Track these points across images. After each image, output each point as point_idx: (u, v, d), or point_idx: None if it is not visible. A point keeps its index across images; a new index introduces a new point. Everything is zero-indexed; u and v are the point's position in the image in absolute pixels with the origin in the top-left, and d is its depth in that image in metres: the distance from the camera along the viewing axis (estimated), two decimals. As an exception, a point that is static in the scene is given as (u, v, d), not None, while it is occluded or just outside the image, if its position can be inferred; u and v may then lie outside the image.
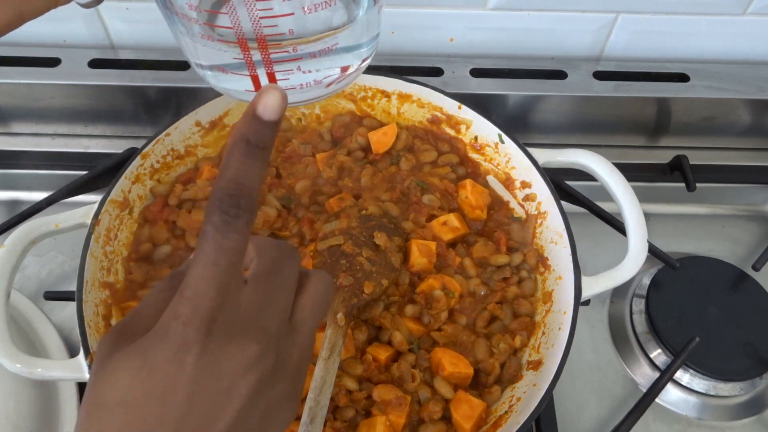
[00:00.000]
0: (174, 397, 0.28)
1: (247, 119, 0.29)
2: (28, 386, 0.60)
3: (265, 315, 0.31)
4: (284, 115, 0.30)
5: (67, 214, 0.58)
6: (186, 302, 0.29)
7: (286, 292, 0.33)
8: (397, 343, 0.57)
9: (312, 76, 0.34)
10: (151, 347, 0.29)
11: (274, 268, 0.33)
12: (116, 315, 0.58)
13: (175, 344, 0.29)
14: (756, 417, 0.67)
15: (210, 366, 0.29)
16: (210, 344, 0.29)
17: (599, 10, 0.79)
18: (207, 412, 0.29)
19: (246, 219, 0.29)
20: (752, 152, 0.86)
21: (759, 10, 0.79)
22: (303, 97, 0.36)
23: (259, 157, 0.29)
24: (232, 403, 0.30)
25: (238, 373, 0.30)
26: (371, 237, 0.59)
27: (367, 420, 0.53)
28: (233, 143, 0.29)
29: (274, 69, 0.33)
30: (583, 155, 0.62)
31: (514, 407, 0.54)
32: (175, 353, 0.28)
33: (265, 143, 0.29)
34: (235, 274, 0.30)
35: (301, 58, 0.33)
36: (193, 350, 0.28)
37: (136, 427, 0.28)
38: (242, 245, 0.29)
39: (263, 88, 0.29)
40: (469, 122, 0.67)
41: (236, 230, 0.29)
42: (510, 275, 0.61)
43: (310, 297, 0.34)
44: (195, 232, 0.62)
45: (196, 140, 0.67)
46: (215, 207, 0.29)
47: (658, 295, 0.70)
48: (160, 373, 0.28)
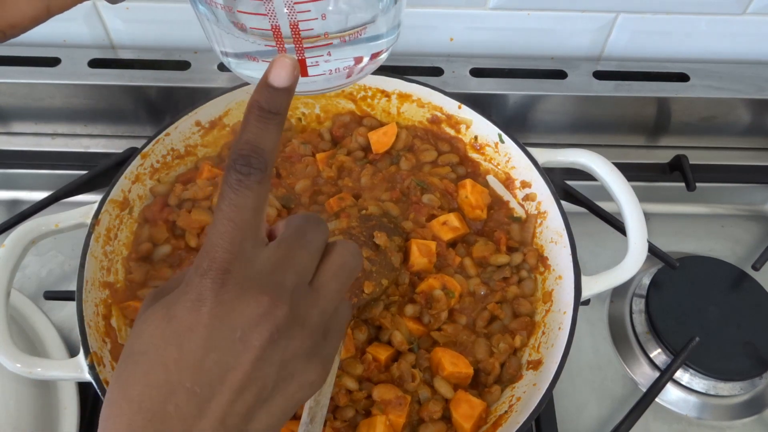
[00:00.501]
0: (191, 344, 0.30)
1: (260, 87, 0.31)
2: (28, 386, 0.60)
3: (281, 272, 0.32)
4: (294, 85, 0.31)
5: (67, 214, 0.58)
6: (203, 256, 0.31)
7: (307, 254, 0.34)
8: (397, 343, 0.57)
9: (340, 63, 0.35)
10: (173, 299, 0.31)
11: (298, 233, 0.34)
12: (116, 315, 0.58)
13: (193, 295, 0.31)
14: (756, 417, 0.67)
15: (224, 315, 0.30)
16: (224, 295, 0.30)
17: (599, 10, 0.79)
18: (222, 359, 0.30)
19: (257, 177, 0.31)
20: (752, 152, 0.86)
21: (759, 10, 0.79)
22: (329, 84, 0.37)
23: (272, 121, 0.31)
24: (246, 353, 0.30)
25: (250, 324, 0.31)
26: (371, 237, 0.59)
27: (367, 420, 0.53)
28: (248, 110, 0.31)
29: (305, 55, 0.34)
30: (583, 155, 0.62)
31: (514, 407, 0.54)
32: (192, 303, 0.30)
33: (277, 109, 0.31)
34: (248, 229, 0.31)
35: (331, 43, 0.34)
36: (208, 300, 0.30)
37: (155, 371, 0.30)
38: (254, 201, 0.31)
39: (275, 59, 0.31)
40: (469, 122, 0.67)
41: (248, 186, 0.31)
42: (510, 275, 0.61)
43: (333, 262, 0.35)
44: (195, 232, 0.62)
45: (196, 140, 0.67)
46: (230, 167, 0.31)
47: (658, 294, 0.70)
48: (178, 322, 0.30)
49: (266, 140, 0.31)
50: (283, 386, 0.32)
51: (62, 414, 0.60)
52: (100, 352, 0.53)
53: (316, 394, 0.48)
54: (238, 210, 0.31)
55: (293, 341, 0.32)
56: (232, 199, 0.31)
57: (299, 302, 0.32)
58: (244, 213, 0.31)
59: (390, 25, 0.37)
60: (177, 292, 0.32)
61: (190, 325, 0.30)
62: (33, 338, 0.64)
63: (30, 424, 0.58)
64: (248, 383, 0.30)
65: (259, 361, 0.31)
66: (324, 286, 0.34)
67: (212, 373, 0.30)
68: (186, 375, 0.30)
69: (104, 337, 0.55)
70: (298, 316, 0.32)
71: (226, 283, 0.31)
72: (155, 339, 0.31)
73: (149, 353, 0.30)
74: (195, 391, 0.29)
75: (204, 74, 0.78)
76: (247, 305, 0.31)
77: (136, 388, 0.30)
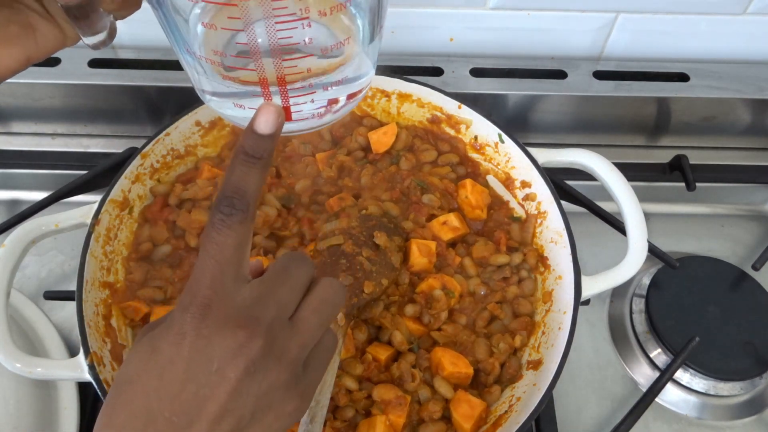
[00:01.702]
0: (171, 375, 0.31)
1: (246, 133, 0.33)
2: (28, 386, 0.60)
3: (260, 307, 0.34)
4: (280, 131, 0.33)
5: (67, 213, 0.58)
6: (186, 291, 0.33)
7: (288, 290, 0.35)
8: (397, 343, 0.57)
9: (322, 106, 0.37)
10: (159, 333, 0.33)
11: (280, 270, 0.36)
12: (116, 315, 0.58)
13: (176, 329, 0.32)
14: (756, 417, 0.67)
15: (202, 348, 0.32)
16: (203, 329, 0.32)
17: (599, 10, 0.79)
18: (199, 391, 0.31)
19: (239, 217, 0.33)
20: (752, 152, 0.86)
21: (759, 9, 0.79)
22: (310, 125, 0.38)
23: (256, 165, 0.33)
24: (222, 385, 0.32)
25: (227, 356, 0.32)
26: (371, 237, 0.59)
27: (367, 420, 0.53)
28: (234, 154, 0.33)
29: (290, 102, 0.36)
30: (583, 155, 0.62)
31: (514, 407, 0.54)
32: (174, 336, 0.32)
33: (261, 154, 0.33)
34: (230, 266, 0.33)
35: (315, 91, 0.36)
36: (188, 334, 0.32)
37: (137, 400, 0.31)
38: (236, 239, 0.33)
39: (261, 106, 0.33)
40: (468, 122, 0.67)
41: (229, 226, 0.32)
42: (510, 275, 0.61)
43: (315, 297, 0.36)
44: (195, 232, 0.62)
45: (196, 140, 0.67)
46: (214, 208, 0.33)
47: (658, 294, 0.70)
48: (161, 354, 0.32)
49: (249, 183, 0.33)
50: (260, 416, 0.33)
51: (62, 414, 0.60)
52: (100, 352, 0.53)
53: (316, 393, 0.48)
54: (219, 248, 0.32)
55: (270, 373, 0.33)
56: (214, 238, 0.32)
57: (277, 336, 0.34)
58: (226, 251, 0.32)
59: (368, 66, 0.39)
60: (162, 327, 0.33)
61: (171, 358, 0.32)
62: (33, 338, 0.64)
63: (30, 424, 0.58)
64: (224, 414, 0.32)
65: (235, 392, 0.32)
66: (304, 321, 0.35)
67: (190, 404, 0.31)
68: (165, 404, 0.31)
69: (104, 337, 0.55)
70: (274, 349, 0.33)
71: (206, 318, 0.32)
72: (139, 369, 0.32)
73: (134, 383, 0.32)
74: (173, 420, 0.31)
75: (204, 74, 0.78)
76: (224, 338, 0.32)
77: (120, 415, 0.32)
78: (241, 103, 0.37)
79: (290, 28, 0.32)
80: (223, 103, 0.38)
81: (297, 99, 0.36)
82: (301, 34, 0.32)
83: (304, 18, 0.31)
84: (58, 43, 0.38)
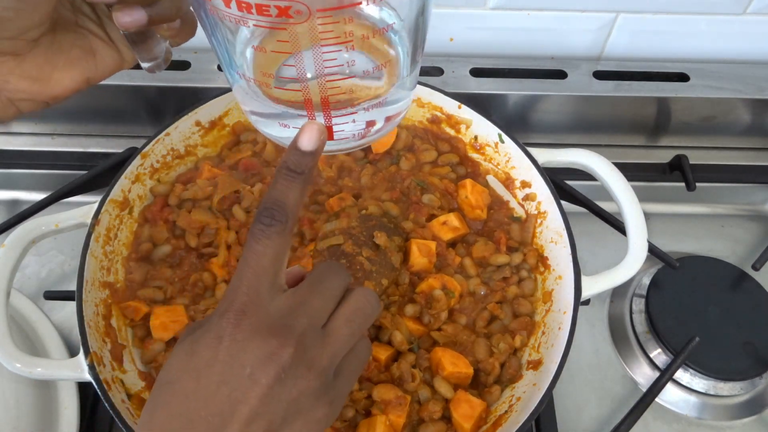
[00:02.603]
0: (207, 378, 0.33)
1: (290, 149, 0.35)
2: (28, 386, 0.60)
3: (293, 316, 0.35)
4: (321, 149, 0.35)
5: (67, 213, 0.58)
6: (225, 298, 0.35)
7: (321, 300, 0.37)
8: (397, 343, 0.57)
9: (362, 127, 0.39)
10: (198, 336, 0.35)
11: (315, 280, 0.38)
12: (116, 314, 0.58)
13: (213, 333, 0.34)
14: (756, 417, 0.67)
15: (236, 353, 0.33)
16: (238, 335, 0.33)
17: (599, 10, 0.79)
18: (233, 394, 0.33)
19: (278, 228, 0.34)
20: (752, 152, 0.86)
21: (759, 9, 0.79)
22: (353, 144, 0.40)
23: (297, 180, 0.35)
24: (254, 389, 0.33)
25: (259, 362, 0.33)
26: (371, 237, 0.59)
27: (367, 420, 0.53)
28: (277, 169, 0.35)
29: (333, 123, 0.37)
30: (583, 155, 0.62)
31: (514, 407, 0.54)
32: (211, 340, 0.34)
33: (302, 169, 0.35)
34: (266, 275, 0.35)
35: (356, 112, 0.37)
36: (225, 339, 0.33)
37: (176, 401, 0.33)
38: (274, 250, 0.35)
39: (305, 124, 0.35)
40: (468, 122, 0.67)
41: (268, 236, 0.34)
42: (510, 275, 0.61)
43: (348, 308, 0.38)
44: (195, 232, 0.62)
45: (196, 140, 0.67)
46: (255, 219, 0.35)
47: (658, 294, 0.70)
48: (199, 357, 0.34)
49: (290, 197, 0.35)
50: (290, 421, 0.34)
51: (62, 414, 0.60)
52: (100, 352, 0.53)
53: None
54: (257, 257, 0.34)
55: (300, 381, 0.34)
56: (253, 248, 0.34)
57: (308, 345, 0.35)
58: (263, 260, 0.34)
59: (407, 90, 0.40)
60: (201, 330, 0.35)
61: (208, 361, 0.33)
62: (33, 338, 0.64)
63: (30, 424, 0.58)
64: (255, 417, 0.33)
65: (266, 397, 0.33)
66: (336, 331, 0.36)
67: (223, 405, 0.33)
68: (201, 405, 0.33)
69: (104, 337, 0.55)
70: (305, 357, 0.34)
71: (240, 324, 0.34)
72: (179, 371, 0.34)
73: (173, 383, 0.34)
74: (209, 420, 0.32)
75: (204, 74, 0.78)
76: (257, 345, 0.33)
77: (161, 415, 0.34)
78: (285, 123, 0.38)
79: (335, 51, 0.33)
80: (268, 123, 0.40)
81: (339, 119, 0.37)
82: (345, 57, 0.34)
83: (348, 41, 0.33)
84: (116, 65, 0.41)
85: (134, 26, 0.36)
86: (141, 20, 0.36)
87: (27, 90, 0.37)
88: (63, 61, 0.37)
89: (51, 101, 0.38)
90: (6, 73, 0.35)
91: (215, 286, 0.60)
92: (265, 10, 0.30)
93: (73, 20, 0.38)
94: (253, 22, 0.31)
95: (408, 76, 0.39)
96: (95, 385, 0.51)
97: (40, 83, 0.37)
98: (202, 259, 0.61)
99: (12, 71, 0.36)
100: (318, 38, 0.32)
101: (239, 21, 0.31)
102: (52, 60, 0.37)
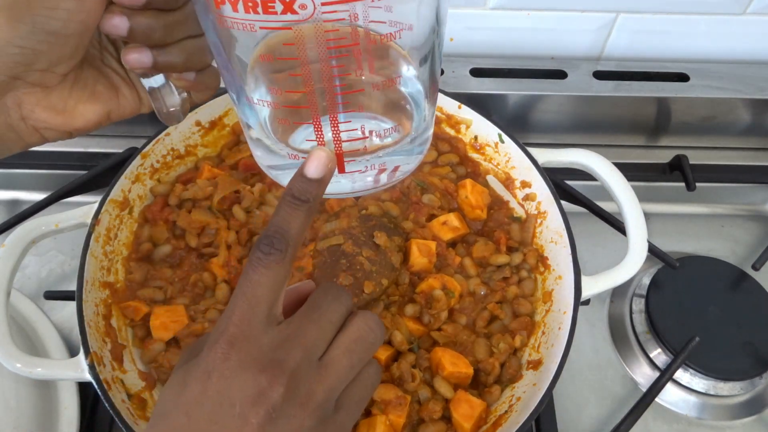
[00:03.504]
0: (197, 414, 0.32)
1: (295, 176, 0.34)
2: (28, 386, 0.60)
3: (286, 349, 0.34)
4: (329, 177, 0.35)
5: (67, 213, 0.58)
6: (216, 327, 0.34)
7: (318, 330, 0.35)
8: (397, 343, 0.57)
9: (376, 172, 0.38)
10: (190, 368, 0.34)
11: (313, 306, 0.36)
12: (116, 315, 0.58)
13: (203, 366, 0.33)
14: (756, 417, 0.67)
15: (225, 391, 0.32)
16: (226, 370, 0.32)
17: (599, 10, 0.79)
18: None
19: (277, 257, 0.33)
20: (752, 152, 0.86)
21: (759, 9, 0.79)
22: (365, 186, 0.39)
23: (300, 208, 0.34)
24: (244, 429, 0.32)
25: (248, 402, 0.32)
26: (371, 237, 0.59)
27: (367, 420, 0.53)
28: (282, 196, 0.34)
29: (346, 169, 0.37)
30: (583, 155, 0.62)
31: (514, 407, 0.54)
32: (201, 374, 0.33)
33: (307, 197, 0.34)
34: (260, 306, 0.33)
35: (369, 161, 0.37)
36: (213, 374, 0.32)
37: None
38: (271, 279, 0.33)
39: (312, 150, 0.34)
40: (468, 122, 0.67)
41: (266, 265, 0.33)
42: (510, 275, 0.61)
43: (348, 336, 0.36)
44: (195, 232, 0.62)
45: (196, 140, 0.67)
46: (255, 246, 0.34)
47: (658, 294, 0.70)
48: (189, 391, 0.33)
49: (292, 225, 0.34)
50: None
51: (62, 414, 0.60)
52: (100, 352, 0.53)
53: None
54: (252, 287, 0.33)
55: (293, 420, 0.33)
56: (249, 276, 0.33)
57: (301, 380, 0.33)
58: (258, 290, 0.33)
59: (422, 140, 0.39)
60: (194, 361, 0.34)
61: (197, 397, 0.33)
62: (33, 338, 0.64)
63: (30, 424, 0.58)
64: None
65: None
66: (334, 362, 0.35)
67: None
68: None
69: (104, 337, 0.55)
70: (298, 394, 0.33)
71: (229, 358, 0.33)
72: (171, 404, 0.33)
73: (166, 417, 0.33)
74: None
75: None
76: (246, 382, 0.32)
77: None
78: None
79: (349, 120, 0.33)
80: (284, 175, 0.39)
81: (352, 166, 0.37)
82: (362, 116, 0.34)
83: (354, 43, 0.32)
84: (136, 107, 0.40)
85: (139, 66, 0.35)
86: (146, 62, 0.35)
87: (50, 121, 0.37)
88: (87, 95, 0.38)
89: (74, 133, 0.38)
90: (33, 104, 0.36)
91: (215, 286, 0.60)
92: (270, 7, 0.29)
93: (99, 57, 0.39)
94: (260, 24, 0.31)
95: (420, 134, 0.38)
96: (95, 385, 0.51)
97: (64, 116, 0.37)
98: (202, 259, 0.61)
99: (39, 102, 0.36)
100: (324, 38, 0.31)
101: (247, 27, 0.31)
102: (77, 94, 0.37)
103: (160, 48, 0.35)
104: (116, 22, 0.33)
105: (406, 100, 0.37)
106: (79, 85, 0.37)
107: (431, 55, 0.35)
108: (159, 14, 0.34)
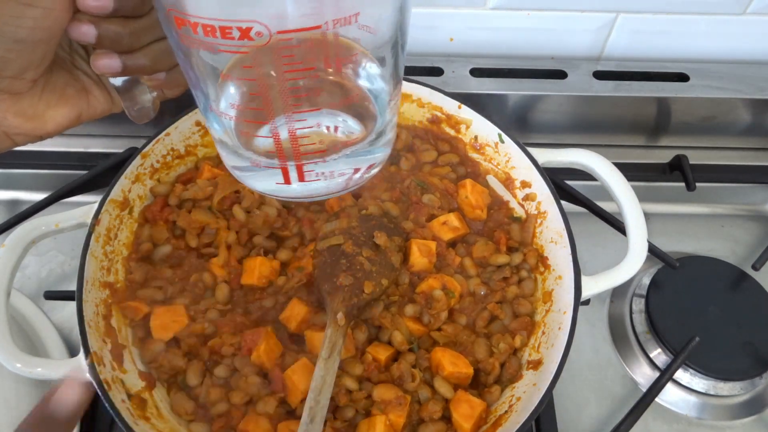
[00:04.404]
0: None
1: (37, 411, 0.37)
2: (28, 386, 0.60)
3: None
4: None
5: (67, 214, 0.58)
6: None
7: None
8: (397, 343, 0.57)
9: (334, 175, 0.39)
10: None
11: None
12: (116, 315, 0.58)
13: None
14: (756, 416, 0.67)
15: None
16: None
17: (599, 10, 0.79)
18: None
19: None
20: (752, 152, 0.86)
21: (759, 9, 0.79)
22: (326, 189, 0.40)
23: None
24: None
25: None
26: (371, 237, 0.59)
27: (367, 420, 0.53)
28: None
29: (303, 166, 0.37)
30: (583, 155, 0.62)
31: (514, 407, 0.54)
32: None
33: None
34: None
35: (325, 160, 0.37)
36: None
37: None
38: None
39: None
40: (468, 122, 0.67)
41: None
42: (510, 275, 0.61)
43: None
44: (195, 232, 0.62)
45: (196, 140, 0.67)
46: None
47: (658, 294, 0.70)
48: None
49: None
50: None
51: (62, 414, 0.60)
52: (100, 352, 0.53)
53: (315, 393, 0.48)
54: None
55: None
56: None
57: None
58: None
59: (383, 142, 0.40)
60: None
61: None
62: (33, 338, 0.64)
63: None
64: None
65: None
66: None
67: None
68: None
69: (104, 337, 0.55)
70: None
71: None
72: None
73: None
74: None
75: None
76: None
77: None
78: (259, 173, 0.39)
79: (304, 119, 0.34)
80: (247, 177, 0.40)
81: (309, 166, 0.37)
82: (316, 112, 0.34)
83: (310, 68, 0.33)
84: (107, 107, 0.41)
85: (108, 72, 0.36)
86: (115, 68, 0.36)
87: (21, 126, 0.37)
88: (57, 99, 0.38)
89: (45, 136, 0.39)
90: (3, 111, 0.36)
91: (215, 286, 0.60)
92: (228, 32, 0.30)
93: (69, 60, 0.39)
94: (219, 47, 0.31)
95: (384, 124, 0.39)
96: (95, 385, 0.51)
97: (34, 121, 0.37)
98: (202, 259, 0.61)
99: (9, 109, 0.36)
100: (281, 63, 0.32)
101: (207, 47, 0.32)
102: (47, 98, 0.38)
103: (129, 53, 0.36)
104: (84, 29, 0.34)
105: (368, 99, 0.37)
106: (48, 89, 0.38)
107: (395, 54, 0.35)
108: (126, 21, 0.34)
